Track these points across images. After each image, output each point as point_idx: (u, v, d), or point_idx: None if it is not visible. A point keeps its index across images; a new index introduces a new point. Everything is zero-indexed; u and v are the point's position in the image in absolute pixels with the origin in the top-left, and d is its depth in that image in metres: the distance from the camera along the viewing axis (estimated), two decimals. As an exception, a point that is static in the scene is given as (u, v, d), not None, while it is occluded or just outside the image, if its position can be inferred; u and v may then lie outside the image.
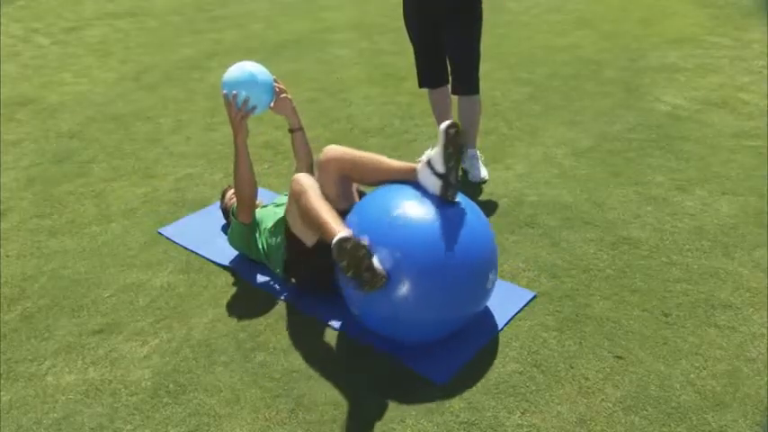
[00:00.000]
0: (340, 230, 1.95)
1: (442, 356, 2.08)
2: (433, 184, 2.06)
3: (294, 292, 2.44)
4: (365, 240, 1.89)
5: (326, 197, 2.19)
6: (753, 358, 2.02)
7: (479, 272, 2.04)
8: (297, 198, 2.17)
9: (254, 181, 2.48)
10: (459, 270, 1.97)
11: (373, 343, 2.16)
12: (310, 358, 2.13)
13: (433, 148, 3.45)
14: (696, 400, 1.88)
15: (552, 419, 1.85)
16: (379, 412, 1.90)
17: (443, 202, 2.05)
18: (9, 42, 6.24)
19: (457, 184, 2.06)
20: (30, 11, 7.54)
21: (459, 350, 2.11)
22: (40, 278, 2.64)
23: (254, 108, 2.38)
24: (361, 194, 2.36)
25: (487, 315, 2.24)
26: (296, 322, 2.29)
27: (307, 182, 2.19)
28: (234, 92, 2.33)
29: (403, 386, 1.99)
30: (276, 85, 2.48)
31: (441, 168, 2.04)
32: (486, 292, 2.11)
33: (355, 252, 1.85)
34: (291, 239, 2.32)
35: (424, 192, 2.08)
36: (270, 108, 2.51)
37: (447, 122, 2.06)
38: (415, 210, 2.02)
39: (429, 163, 2.08)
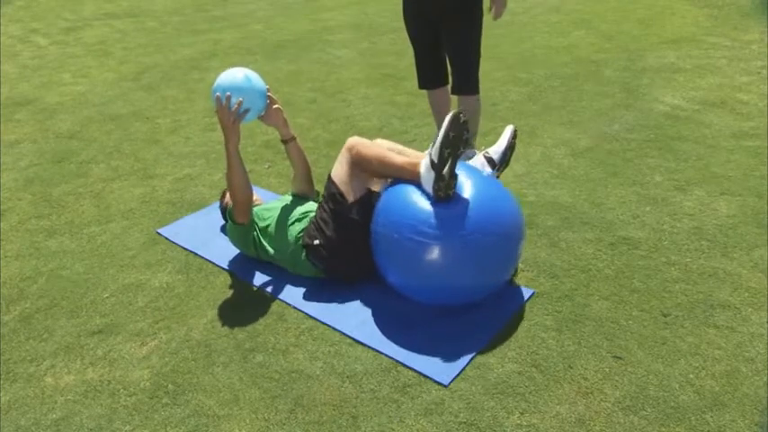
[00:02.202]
0: (413, 159, 2.15)
1: (442, 357, 2.08)
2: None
3: (295, 293, 2.44)
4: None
5: (362, 178, 2.35)
6: (752, 358, 2.02)
7: (517, 240, 2.21)
8: (357, 148, 2.30)
9: (249, 184, 2.46)
10: (502, 236, 2.14)
11: (373, 343, 2.16)
12: (309, 358, 2.13)
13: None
14: (695, 400, 1.88)
15: (551, 419, 1.85)
16: (379, 413, 1.91)
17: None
18: (8, 43, 6.24)
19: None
20: (29, 11, 7.54)
21: (459, 350, 2.10)
22: (39, 279, 2.64)
23: (246, 111, 2.35)
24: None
25: (487, 315, 2.24)
26: (295, 322, 2.29)
27: (360, 138, 2.34)
28: (228, 94, 2.32)
29: (403, 386, 1.99)
30: (268, 95, 2.47)
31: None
32: (515, 259, 2.26)
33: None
34: (332, 194, 2.35)
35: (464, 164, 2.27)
36: (260, 119, 2.50)
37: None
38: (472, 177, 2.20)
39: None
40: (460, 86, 3.14)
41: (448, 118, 2.10)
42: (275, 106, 2.51)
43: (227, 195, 2.80)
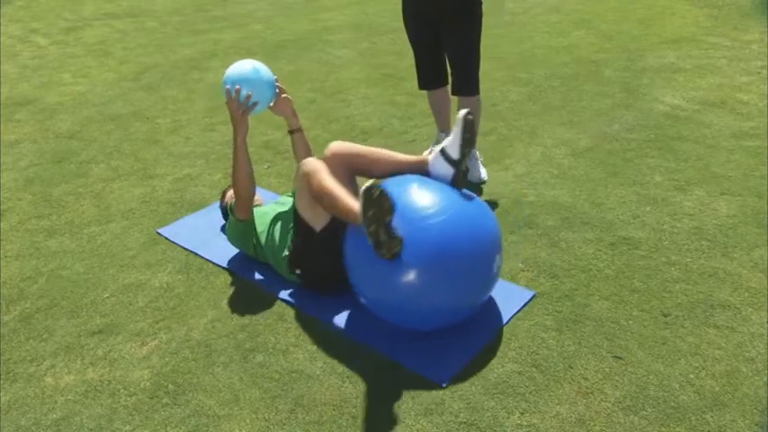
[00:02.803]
0: (356, 204, 2.00)
1: (441, 357, 2.08)
2: (447, 172, 2.15)
3: (295, 292, 2.44)
4: (391, 195, 1.91)
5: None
6: (752, 358, 2.02)
7: (486, 257, 2.09)
8: (308, 178, 2.19)
9: (253, 178, 2.47)
10: (470, 255, 2.03)
11: (373, 343, 2.16)
12: (310, 358, 2.13)
13: (434, 145, 3.46)
14: (695, 400, 1.88)
15: (551, 419, 1.85)
16: (379, 413, 1.91)
17: (452, 189, 2.14)
18: (8, 43, 6.24)
19: (466, 173, 2.19)
20: (29, 11, 7.54)
21: (458, 350, 2.10)
22: (39, 279, 2.64)
23: (255, 104, 2.38)
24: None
25: (487, 315, 2.24)
26: (295, 322, 2.29)
27: (317, 163, 2.24)
28: (237, 86, 2.33)
29: (403, 386, 1.99)
30: (277, 84, 2.48)
31: (456, 154, 2.14)
32: (492, 278, 2.14)
33: (382, 202, 1.86)
34: (300, 226, 2.32)
35: (430, 181, 2.14)
36: (269, 108, 2.51)
37: (465, 110, 2.15)
38: (422, 198, 2.06)
39: (443, 151, 2.17)
40: (460, 87, 3.14)
41: (461, 122, 2.15)
42: (284, 96, 2.53)
43: (227, 195, 2.80)
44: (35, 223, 3.06)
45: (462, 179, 2.19)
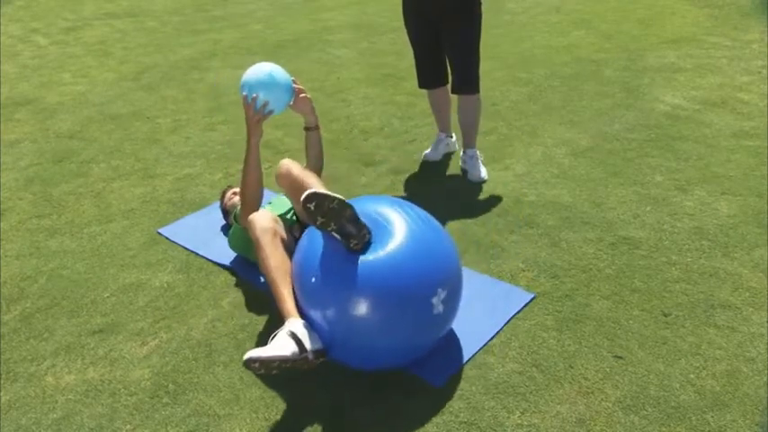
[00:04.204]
0: (289, 314, 1.97)
1: (440, 358, 2.08)
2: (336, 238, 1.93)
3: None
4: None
5: (294, 207, 2.30)
6: (752, 358, 2.02)
7: (414, 301, 1.89)
8: (254, 239, 2.16)
9: (262, 183, 2.47)
10: (389, 306, 1.87)
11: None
12: (310, 358, 2.13)
13: (435, 144, 3.44)
14: (696, 400, 1.88)
15: (552, 419, 1.85)
16: (379, 412, 1.90)
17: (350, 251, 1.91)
18: (8, 42, 6.24)
19: (358, 231, 1.90)
20: (29, 11, 7.54)
21: (458, 352, 2.10)
22: (40, 278, 2.64)
23: (271, 112, 2.38)
24: None
25: (487, 315, 2.24)
26: (295, 322, 2.29)
27: (260, 227, 2.16)
28: (254, 95, 2.33)
29: (403, 386, 1.99)
30: (295, 85, 2.48)
31: (327, 232, 1.94)
32: (435, 318, 1.93)
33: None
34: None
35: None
36: (289, 107, 2.52)
37: (303, 196, 1.89)
38: (331, 258, 1.93)
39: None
40: (460, 86, 3.15)
41: (303, 212, 1.95)
42: (302, 95, 2.53)
43: (227, 195, 2.80)
44: (35, 223, 3.06)
45: (353, 241, 1.90)
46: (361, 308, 1.87)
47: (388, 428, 1.85)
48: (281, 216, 2.45)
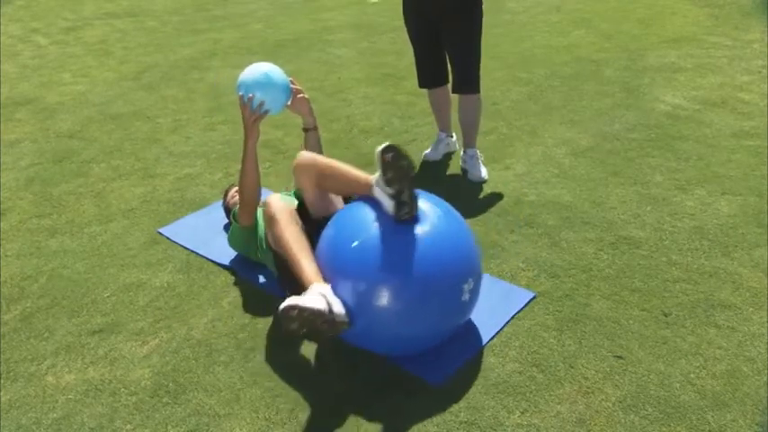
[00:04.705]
0: (313, 280, 1.95)
1: (440, 358, 2.08)
2: (387, 204, 1.96)
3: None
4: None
5: (307, 201, 2.27)
6: (752, 358, 2.02)
7: (448, 286, 1.94)
8: (271, 223, 2.16)
9: (259, 184, 2.47)
10: (424, 287, 1.90)
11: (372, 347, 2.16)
12: (310, 358, 2.13)
13: (435, 144, 3.44)
14: (696, 400, 1.88)
15: (552, 419, 1.85)
16: (379, 412, 1.90)
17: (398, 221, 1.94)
18: (8, 42, 6.24)
19: (412, 201, 1.93)
20: (29, 11, 7.54)
21: (458, 351, 2.10)
22: (40, 278, 2.64)
23: (267, 111, 2.37)
24: (347, 200, 2.32)
25: (487, 315, 2.24)
26: (296, 322, 2.29)
27: (277, 206, 2.16)
28: (250, 95, 2.32)
29: (403, 386, 1.99)
30: (293, 86, 2.48)
31: (389, 190, 1.95)
32: (461, 305, 2.00)
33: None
34: (276, 255, 2.29)
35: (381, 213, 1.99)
36: (287, 107, 2.51)
37: (382, 146, 1.93)
38: (374, 229, 1.94)
39: (378, 181, 1.99)
40: (461, 85, 3.15)
41: (378, 160, 1.95)
42: (300, 96, 2.52)
43: (230, 194, 2.80)
44: (36, 223, 3.06)
45: (405, 209, 1.93)
46: (402, 277, 1.89)
47: (388, 428, 1.85)
48: None
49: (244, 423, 1.90)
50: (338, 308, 1.88)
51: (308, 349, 2.16)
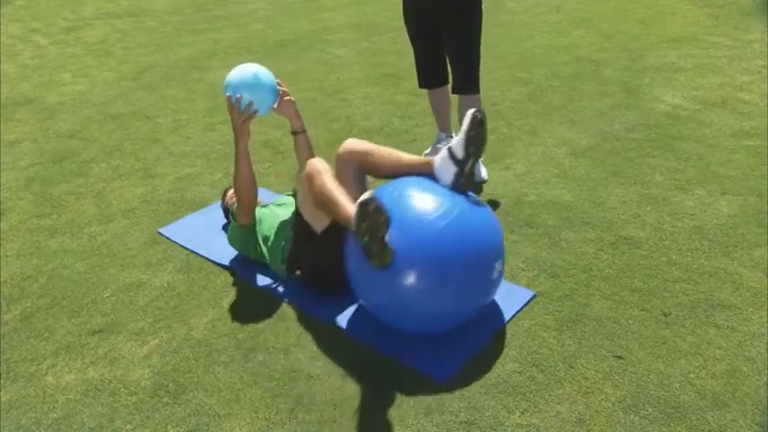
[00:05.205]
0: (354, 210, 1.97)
1: (442, 355, 2.08)
2: (449, 172, 2.11)
3: (295, 292, 2.44)
4: (386, 209, 1.89)
5: (303, 211, 2.30)
6: (752, 358, 2.02)
7: (484, 262, 2.06)
8: (310, 180, 2.19)
9: (255, 184, 2.47)
10: (464, 260, 1.99)
11: (373, 343, 2.16)
12: (310, 358, 2.13)
13: (435, 144, 3.45)
14: (696, 400, 1.88)
15: (552, 419, 1.85)
16: (379, 412, 1.91)
17: (454, 191, 2.10)
18: (8, 42, 6.24)
19: (471, 177, 2.14)
20: (29, 11, 7.54)
21: (459, 349, 2.11)
22: (40, 278, 2.64)
23: (256, 111, 2.37)
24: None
25: (487, 314, 2.24)
26: (296, 322, 2.29)
27: (320, 165, 2.22)
28: (237, 95, 2.32)
29: (403, 386, 1.99)
30: (279, 87, 2.47)
31: (460, 153, 2.10)
32: (492, 283, 2.11)
33: (377, 217, 1.85)
34: (301, 226, 2.32)
35: (434, 184, 2.12)
36: (273, 110, 2.50)
37: (474, 109, 2.14)
38: (422, 202, 2.05)
39: (450, 149, 2.13)
40: (461, 86, 3.14)
41: (469, 120, 2.12)
42: (287, 98, 2.50)
43: (228, 194, 2.80)
44: (36, 223, 3.06)
45: (467, 180, 2.13)
46: (451, 247, 1.97)
47: (388, 427, 1.85)
48: (293, 214, 2.45)
49: (244, 423, 1.90)
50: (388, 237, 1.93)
51: (309, 349, 2.17)
